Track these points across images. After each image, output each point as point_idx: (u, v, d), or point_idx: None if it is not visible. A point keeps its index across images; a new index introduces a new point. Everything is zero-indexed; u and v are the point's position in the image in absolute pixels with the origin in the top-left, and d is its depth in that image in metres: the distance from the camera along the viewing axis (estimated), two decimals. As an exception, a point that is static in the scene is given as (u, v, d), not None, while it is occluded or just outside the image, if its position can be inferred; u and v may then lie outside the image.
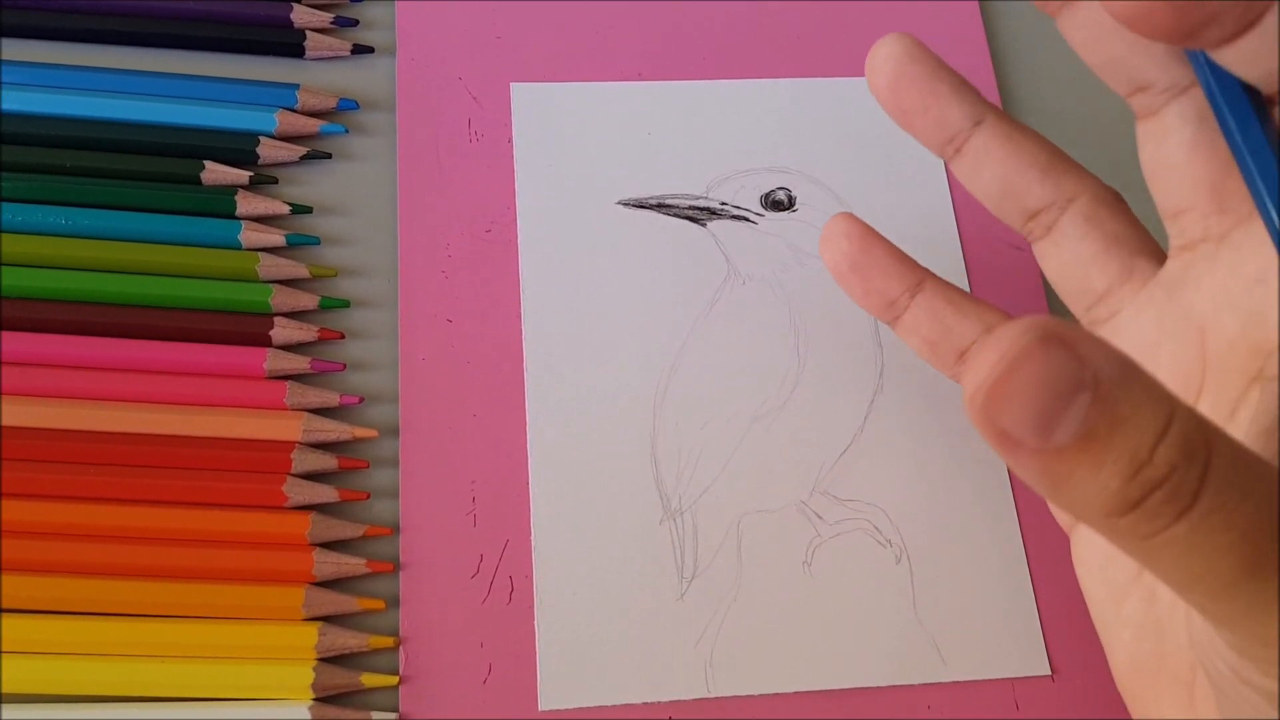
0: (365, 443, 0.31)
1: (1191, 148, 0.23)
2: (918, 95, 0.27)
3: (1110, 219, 0.27)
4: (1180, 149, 0.24)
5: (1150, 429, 0.17)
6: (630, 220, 0.35)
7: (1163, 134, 0.24)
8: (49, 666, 0.28)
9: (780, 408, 0.33)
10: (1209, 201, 0.23)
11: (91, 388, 0.30)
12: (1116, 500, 0.17)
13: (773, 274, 0.34)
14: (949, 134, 0.27)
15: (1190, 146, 0.23)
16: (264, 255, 0.32)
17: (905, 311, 0.30)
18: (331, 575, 0.29)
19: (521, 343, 0.33)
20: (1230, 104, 0.22)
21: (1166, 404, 0.17)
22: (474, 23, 0.37)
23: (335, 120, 0.35)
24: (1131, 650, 0.25)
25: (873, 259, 0.30)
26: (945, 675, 0.30)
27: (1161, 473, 0.17)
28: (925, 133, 0.27)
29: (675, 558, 0.31)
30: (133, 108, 0.33)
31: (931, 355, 0.30)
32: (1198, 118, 0.23)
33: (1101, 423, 0.16)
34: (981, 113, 0.27)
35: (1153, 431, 0.17)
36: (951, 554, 0.31)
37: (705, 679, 0.29)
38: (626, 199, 0.35)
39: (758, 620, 0.30)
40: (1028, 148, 0.27)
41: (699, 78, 0.37)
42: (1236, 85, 0.22)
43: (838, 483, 0.32)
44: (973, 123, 0.27)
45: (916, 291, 0.30)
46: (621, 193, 0.35)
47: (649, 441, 0.32)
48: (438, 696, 0.29)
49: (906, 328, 0.30)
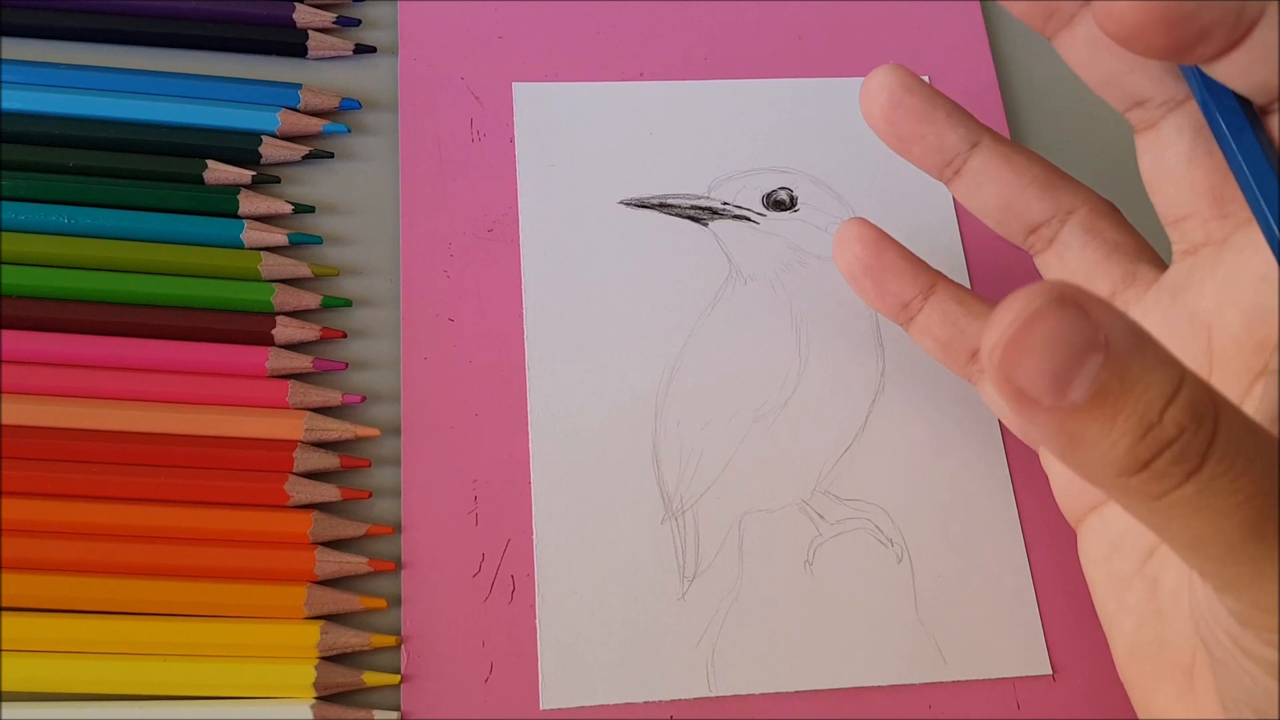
0: (367, 441, 0.31)
1: (1189, 157, 0.24)
2: (914, 124, 0.28)
3: (1109, 229, 0.27)
4: (1179, 159, 0.24)
5: (1160, 391, 0.18)
6: (632, 220, 0.35)
7: (1161, 146, 0.24)
8: (49, 666, 0.28)
9: (782, 407, 0.33)
10: (1210, 207, 0.24)
11: (92, 387, 0.30)
12: (1127, 459, 0.18)
13: (774, 274, 0.34)
14: (947, 158, 0.28)
15: (1188, 156, 0.24)
16: (266, 254, 0.32)
17: (919, 313, 0.30)
18: (333, 574, 0.29)
19: (523, 342, 0.33)
20: (1225, 116, 0.22)
21: (1176, 369, 0.18)
22: (476, 22, 0.37)
23: (337, 120, 0.35)
24: (1133, 638, 0.26)
25: (886, 263, 0.30)
26: (946, 675, 0.30)
27: (1171, 434, 0.18)
28: (923, 158, 0.28)
29: (676, 557, 0.31)
30: (135, 107, 0.33)
31: (944, 356, 0.30)
32: (1194, 129, 0.24)
33: (1113, 383, 0.17)
34: (977, 134, 0.28)
35: (1163, 394, 0.18)
36: (953, 554, 0.31)
37: (706, 678, 0.29)
38: (628, 199, 0.35)
39: (759, 620, 0.30)
40: (1024, 165, 0.28)
41: (701, 78, 0.37)
42: (1230, 97, 0.22)
43: (839, 482, 0.32)
44: (969, 145, 0.28)
45: (929, 294, 0.30)
46: (623, 192, 0.35)
47: (650, 441, 0.32)
48: (439, 695, 0.29)
49: (919, 329, 0.31)
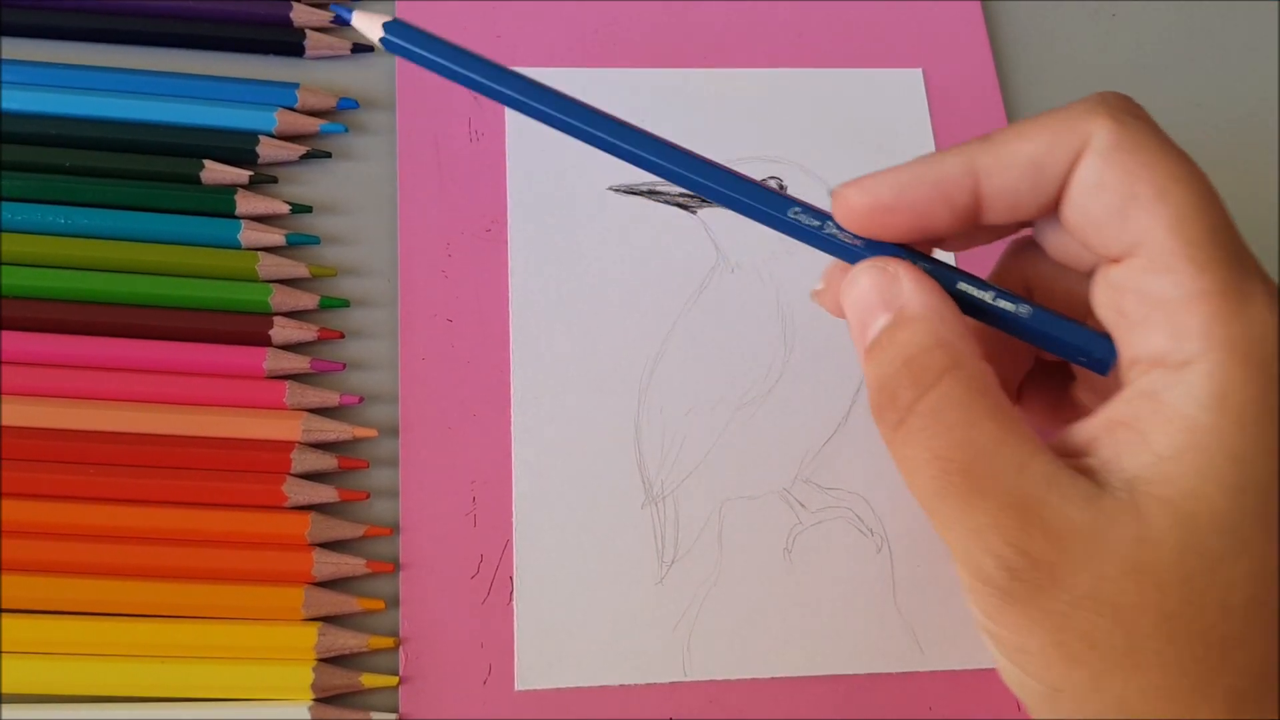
0: (365, 442, 0.31)
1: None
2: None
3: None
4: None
5: (899, 352, 0.24)
6: (620, 206, 0.35)
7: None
8: (49, 666, 0.28)
9: (765, 395, 0.33)
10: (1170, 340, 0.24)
11: (91, 387, 0.30)
12: (872, 398, 0.24)
13: (762, 262, 0.34)
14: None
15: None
16: (264, 255, 0.32)
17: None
18: (331, 575, 0.29)
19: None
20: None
21: (929, 340, 0.23)
22: (474, 21, 0.37)
23: (335, 119, 0.35)
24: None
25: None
26: (923, 665, 0.30)
27: (891, 387, 0.24)
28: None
29: (656, 542, 0.31)
30: (132, 107, 0.33)
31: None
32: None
33: (883, 336, 0.24)
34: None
35: (902, 354, 0.23)
36: (932, 544, 0.31)
37: (683, 663, 0.30)
38: (617, 185, 0.35)
39: (737, 605, 0.30)
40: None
41: (692, 66, 0.37)
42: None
43: (821, 471, 0.32)
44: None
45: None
46: (612, 179, 0.35)
47: (633, 426, 0.32)
48: (437, 697, 0.29)
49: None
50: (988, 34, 0.38)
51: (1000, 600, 0.22)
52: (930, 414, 0.23)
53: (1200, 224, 0.22)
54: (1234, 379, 0.21)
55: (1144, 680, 0.22)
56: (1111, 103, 0.24)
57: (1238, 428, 0.21)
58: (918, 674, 0.30)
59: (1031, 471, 0.22)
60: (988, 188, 0.24)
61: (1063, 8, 0.40)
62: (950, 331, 0.24)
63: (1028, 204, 0.24)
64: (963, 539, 0.23)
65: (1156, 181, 0.22)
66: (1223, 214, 0.23)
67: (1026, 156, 0.24)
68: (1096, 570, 0.21)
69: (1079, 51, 0.39)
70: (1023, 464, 0.22)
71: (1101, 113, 0.23)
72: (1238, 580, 0.21)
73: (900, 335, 0.24)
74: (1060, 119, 0.24)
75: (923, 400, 0.23)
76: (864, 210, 0.25)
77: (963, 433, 0.22)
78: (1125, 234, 0.23)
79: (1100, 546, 0.21)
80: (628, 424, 0.32)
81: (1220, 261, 0.22)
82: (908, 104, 0.37)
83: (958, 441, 0.22)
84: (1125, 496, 0.22)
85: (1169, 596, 0.21)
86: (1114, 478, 0.22)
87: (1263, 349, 0.22)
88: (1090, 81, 0.39)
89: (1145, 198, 0.22)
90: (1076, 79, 0.39)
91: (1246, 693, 0.21)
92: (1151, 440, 0.22)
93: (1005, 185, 0.24)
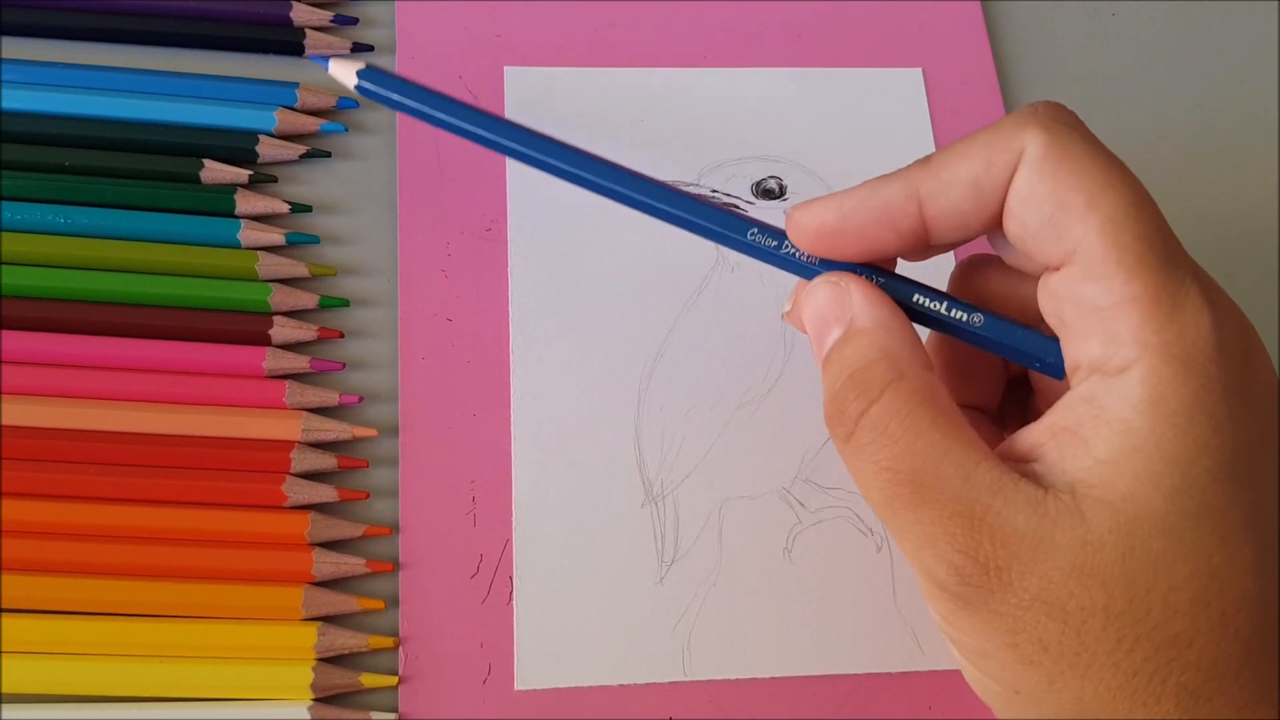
0: (365, 442, 0.31)
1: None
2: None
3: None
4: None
5: (846, 365, 0.24)
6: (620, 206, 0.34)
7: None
8: (49, 666, 0.28)
9: (765, 394, 0.33)
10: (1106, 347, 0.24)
11: (91, 387, 0.30)
12: (824, 409, 0.25)
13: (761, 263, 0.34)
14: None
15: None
16: (263, 254, 0.32)
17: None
18: (331, 575, 0.29)
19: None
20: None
21: (874, 353, 0.24)
22: (473, 20, 0.37)
23: (335, 119, 0.35)
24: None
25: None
26: (923, 664, 0.30)
27: (841, 398, 0.24)
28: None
29: (655, 541, 0.31)
30: (132, 106, 0.33)
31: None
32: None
33: (834, 350, 0.25)
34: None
35: (848, 367, 0.24)
36: None
37: (682, 662, 0.30)
38: None
39: (737, 605, 0.30)
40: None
41: (692, 66, 0.37)
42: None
43: (821, 470, 0.32)
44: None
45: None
46: None
47: (633, 426, 0.32)
48: (437, 697, 0.29)
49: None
50: (988, 34, 0.38)
51: (955, 605, 0.23)
52: (875, 426, 0.23)
53: (1131, 230, 0.22)
54: (1168, 383, 0.22)
55: (1097, 680, 0.22)
56: (1042, 112, 0.24)
57: (1174, 431, 0.22)
58: (918, 674, 0.30)
59: (977, 478, 0.22)
60: (932, 210, 0.25)
61: (1063, 8, 0.40)
62: (896, 343, 0.24)
63: (973, 222, 0.25)
64: (915, 546, 0.23)
65: (1086, 189, 0.23)
66: (1156, 218, 0.23)
67: (965, 176, 0.24)
68: (1043, 573, 0.22)
69: (1079, 51, 0.39)
70: (968, 472, 0.22)
71: (1032, 124, 0.24)
72: (1181, 581, 0.22)
73: (848, 349, 0.24)
74: (994, 134, 0.24)
75: (868, 413, 0.23)
76: (813, 233, 0.25)
77: (907, 443, 0.23)
78: (1060, 243, 0.23)
79: (1046, 550, 0.22)
80: (627, 424, 0.32)
81: (1152, 266, 0.22)
82: (908, 104, 0.37)
83: (902, 452, 0.23)
84: (1069, 500, 0.22)
85: (1115, 598, 0.22)
86: (1058, 482, 0.22)
87: (1196, 352, 0.22)
88: (1090, 81, 0.39)
89: (1076, 206, 0.23)
90: (1076, 79, 0.39)
91: (1199, 690, 0.22)
92: (1092, 445, 0.22)
93: (949, 207, 0.24)
